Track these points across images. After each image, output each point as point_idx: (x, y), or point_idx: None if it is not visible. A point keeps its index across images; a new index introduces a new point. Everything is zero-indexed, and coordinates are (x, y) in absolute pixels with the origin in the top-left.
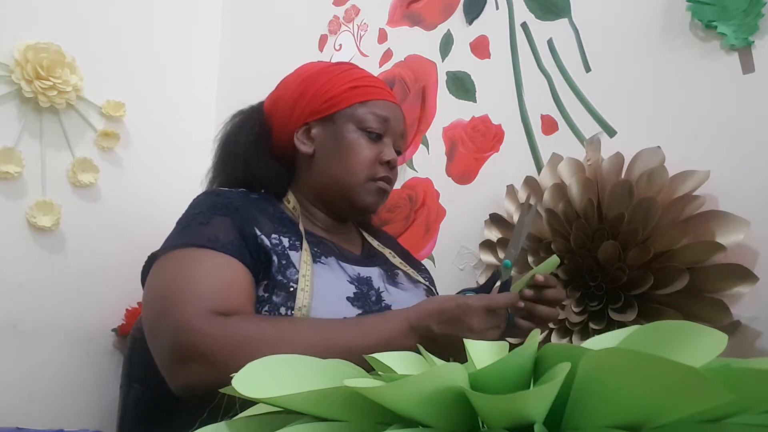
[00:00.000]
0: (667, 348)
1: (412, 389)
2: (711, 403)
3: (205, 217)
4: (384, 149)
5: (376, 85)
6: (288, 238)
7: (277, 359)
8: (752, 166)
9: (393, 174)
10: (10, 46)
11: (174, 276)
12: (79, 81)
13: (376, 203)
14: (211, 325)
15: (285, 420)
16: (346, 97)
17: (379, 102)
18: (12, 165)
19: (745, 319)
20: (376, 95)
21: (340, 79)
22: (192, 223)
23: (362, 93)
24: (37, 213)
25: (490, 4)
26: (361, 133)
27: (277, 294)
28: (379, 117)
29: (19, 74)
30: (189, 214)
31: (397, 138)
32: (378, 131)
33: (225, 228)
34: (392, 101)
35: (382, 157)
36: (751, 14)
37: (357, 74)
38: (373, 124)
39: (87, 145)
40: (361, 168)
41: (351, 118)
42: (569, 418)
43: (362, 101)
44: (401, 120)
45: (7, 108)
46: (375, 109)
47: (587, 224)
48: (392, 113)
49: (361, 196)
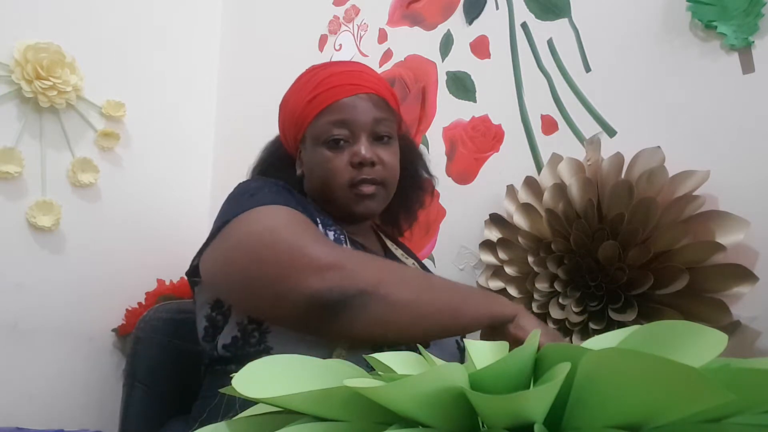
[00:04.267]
0: (667, 348)
1: (412, 389)
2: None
3: (274, 188)
4: (354, 150)
5: (333, 85)
6: (333, 232)
7: (276, 359)
8: (752, 166)
9: (375, 171)
10: (10, 46)
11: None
12: (79, 81)
13: (366, 208)
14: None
15: (285, 420)
16: (306, 115)
17: (334, 105)
18: (12, 165)
19: (745, 319)
20: (331, 98)
21: (302, 96)
22: (258, 193)
23: (318, 103)
24: (37, 213)
25: (490, 4)
26: (323, 146)
27: None
28: (335, 122)
29: (19, 74)
30: (250, 187)
31: (371, 127)
32: (338, 137)
33: (290, 201)
34: (351, 94)
35: (352, 160)
36: (751, 14)
37: (316, 80)
38: (332, 132)
39: (87, 145)
40: (333, 182)
41: (312, 135)
42: (569, 418)
43: (318, 112)
44: (369, 107)
45: (7, 108)
46: (330, 116)
47: (587, 224)
48: (351, 110)
49: (348, 207)
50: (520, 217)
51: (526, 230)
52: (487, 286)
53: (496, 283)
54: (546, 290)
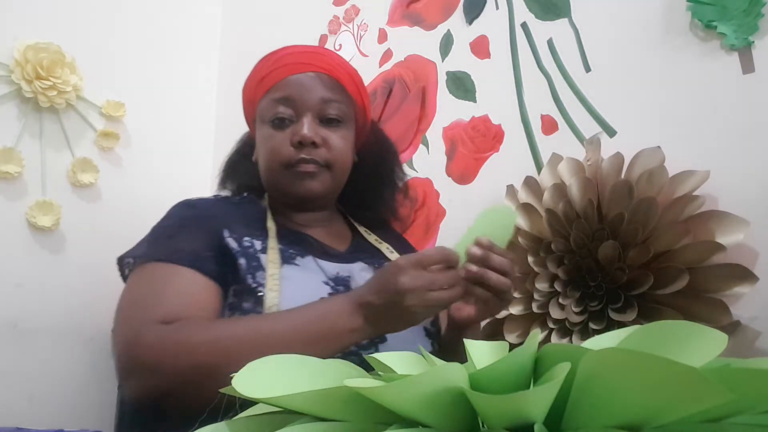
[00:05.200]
0: (667, 348)
1: (412, 389)
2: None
3: (171, 230)
4: (296, 129)
5: (284, 63)
6: (261, 241)
7: (276, 359)
8: (752, 166)
9: (318, 153)
10: (10, 46)
11: (131, 292)
12: (79, 81)
13: (307, 188)
14: (150, 333)
15: (285, 420)
16: (255, 96)
17: (280, 83)
18: (12, 165)
19: (745, 319)
20: (277, 77)
21: (253, 78)
22: (160, 236)
23: (266, 83)
24: (37, 213)
25: (490, 4)
26: (268, 125)
27: (247, 299)
28: (280, 100)
29: (19, 74)
30: (158, 226)
31: (318, 107)
32: (282, 116)
33: (190, 239)
34: (299, 72)
35: (292, 139)
36: (751, 14)
37: (268, 62)
38: (275, 110)
39: (87, 145)
40: (274, 160)
41: (260, 115)
42: (569, 418)
43: (265, 92)
44: (317, 86)
45: (7, 108)
46: (275, 93)
47: (587, 224)
48: (296, 87)
49: (288, 187)
50: (520, 217)
51: (526, 230)
52: None
53: None
54: (546, 290)
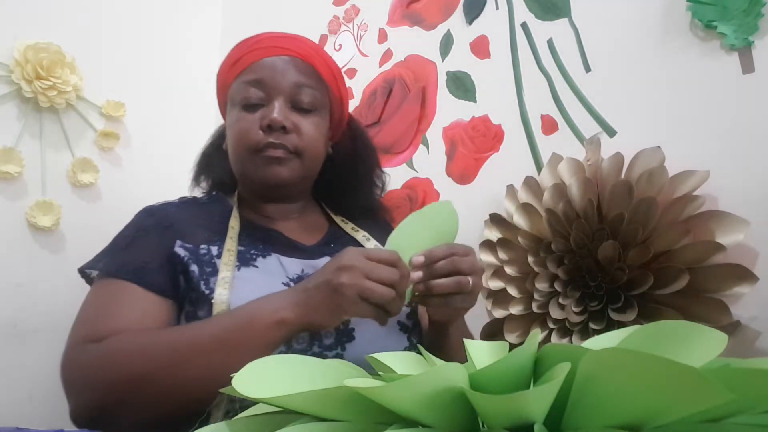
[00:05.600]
0: (667, 348)
1: (412, 389)
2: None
3: (126, 240)
4: (266, 113)
5: (254, 47)
6: (218, 247)
7: (277, 359)
8: (752, 166)
9: (288, 139)
10: (10, 46)
11: (79, 311)
12: (79, 81)
13: (274, 174)
14: (78, 353)
15: (285, 420)
16: (228, 78)
17: (253, 66)
18: (12, 165)
19: (745, 319)
20: (249, 59)
21: (227, 62)
22: (115, 247)
23: (239, 65)
24: (37, 213)
25: (490, 4)
26: (238, 107)
27: (201, 307)
28: (251, 82)
29: (19, 74)
30: (118, 235)
31: (290, 92)
32: (253, 99)
33: (140, 251)
34: (273, 54)
35: (261, 122)
36: (751, 14)
37: (243, 46)
38: (245, 93)
39: (87, 145)
40: (241, 144)
41: (231, 98)
42: (569, 418)
43: (237, 74)
44: (290, 70)
45: (7, 108)
46: (246, 76)
47: (587, 224)
48: (268, 70)
49: (255, 173)
50: (520, 217)
51: (526, 230)
52: (487, 286)
53: (496, 283)
54: (546, 290)
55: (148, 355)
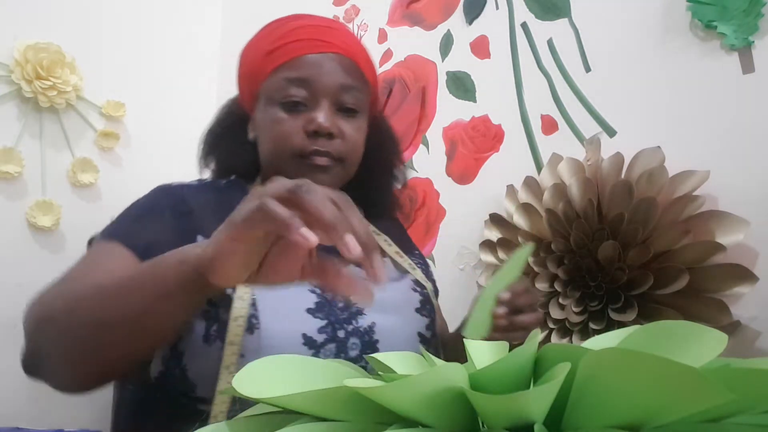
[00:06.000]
0: (667, 348)
1: (412, 389)
2: (711, 403)
3: (138, 212)
4: (311, 116)
5: (299, 38)
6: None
7: (277, 359)
8: (752, 166)
9: (333, 145)
10: (10, 46)
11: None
12: (79, 81)
13: (316, 182)
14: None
15: (285, 420)
16: (263, 68)
17: (295, 61)
18: (12, 165)
19: (745, 319)
20: (293, 52)
21: (262, 47)
22: (128, 213)
23: (277, 56)
24: (37, 213)
25: (490, 4)
26: (278, 106)
27: (221, 304)
28: (294, 80)
29: (19, 74)
30: (132, 205)
31: (336, 94)
32: (295, 98)
33: (152, 228)
34: (317, 51)
35: (307, 127)
36: (751, 14)
37: (278, 33)
38: (288, 91)
39: (87, 145)
40: (283, 148)
41: (267, 93)
42: (569, 418)
43: (276, 66)
44: (337, 70)
45: (7, 108)
46: (289, 72)
47: (587, 224)
48: (314, 69)
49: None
50: (520, 217)
51: (526, 230)
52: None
53: None
54: (546, 290)
55: (63, 296)
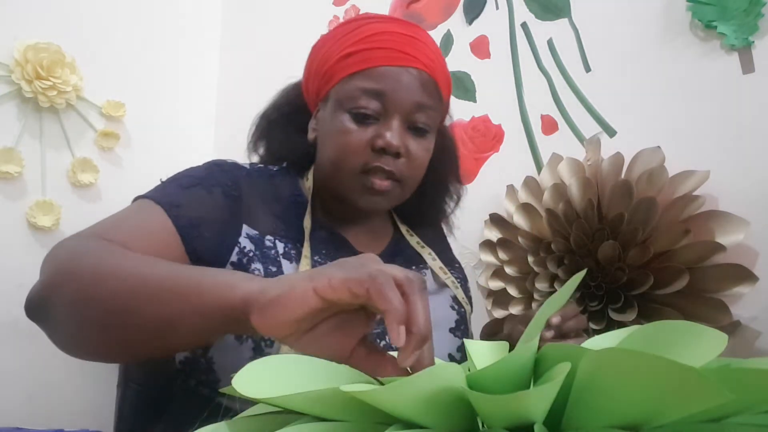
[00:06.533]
0: (667, 348)
1: (410, 391)
2: (711, 403)
3: (190, 181)
4: (381, 132)
5: (379, 45)
6: (285, 244)
7: (277, 359)
8: (752, 166)
9: (397, 165)
10: (10, 46)
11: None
12: (79, 81)
13: (372, 204)
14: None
15: (285, 420)
16: (337, 71)
17: (372, 71)
18: (12, 165)
19: (745, 319)
20: (370, 62)
21: (337, 47)
22: (179, 180)
23: (353, 62)
24: (37, 213)
25: (490, 4)
26: (346, 114)
27: None
28: (368, 91)
29: (19, 74)
30: (185, 172)
31: (410, 112)
32: (367, 110)
33: (199, 204)
34: (397, 63)
35: (374, 143)
36: (751, 14)
37: (358, 36)
38: (359, 102)
39: (87, 145)
40: (344, 160)
41: (337, 97)
42: (569, 418)
43: (351, 73)
44: (415, 86)
45: (7, 108)
46: (364, 81)
47: (587, 224)
48: (391, 82)
49: (351, 193)
50: (520, 217)
51: (526, 230)
52: (487, 286)
53: (496, 283)
54: (546, 290)
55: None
